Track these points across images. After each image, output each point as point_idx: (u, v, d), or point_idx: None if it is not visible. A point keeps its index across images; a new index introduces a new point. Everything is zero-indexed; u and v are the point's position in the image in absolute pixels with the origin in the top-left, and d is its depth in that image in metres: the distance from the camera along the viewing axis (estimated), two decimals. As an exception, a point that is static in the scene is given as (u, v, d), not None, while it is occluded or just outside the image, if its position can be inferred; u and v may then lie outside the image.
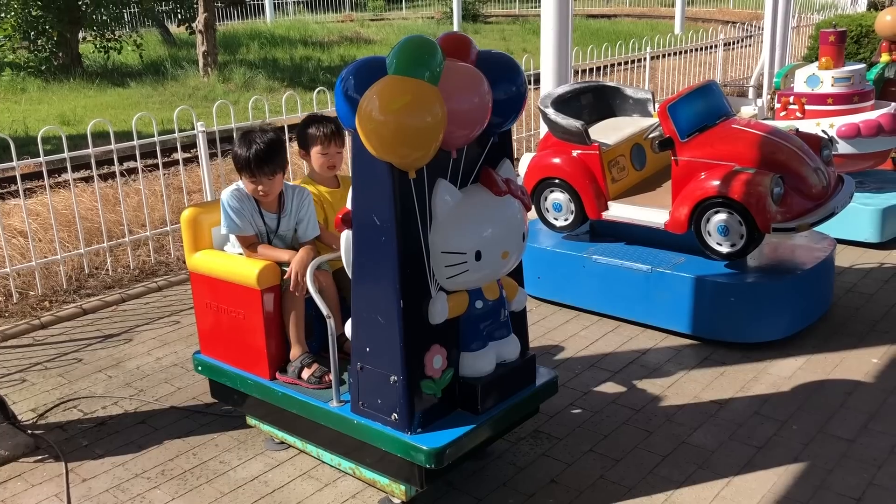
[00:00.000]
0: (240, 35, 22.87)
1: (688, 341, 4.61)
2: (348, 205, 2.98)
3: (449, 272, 2.91)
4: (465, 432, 2.99)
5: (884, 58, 6.70)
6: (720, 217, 4.39)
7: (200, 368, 3.77)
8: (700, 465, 3.49)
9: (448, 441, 2.93)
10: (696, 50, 11.60)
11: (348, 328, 3.10)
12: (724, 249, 4.45)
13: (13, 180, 7.45)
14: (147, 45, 20.01)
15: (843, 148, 5.71)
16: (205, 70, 16.66)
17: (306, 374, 3.39)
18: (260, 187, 3.42)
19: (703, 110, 4.63)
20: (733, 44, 14.17)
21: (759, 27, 14.15)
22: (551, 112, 4.94)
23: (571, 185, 4.88)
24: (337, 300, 3.47)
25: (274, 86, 15.57)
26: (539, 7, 5.80)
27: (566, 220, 5.03)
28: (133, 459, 3.72)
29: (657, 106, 4.95)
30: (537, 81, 6.07)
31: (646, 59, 10.37)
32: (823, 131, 5.56)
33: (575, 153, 4.88)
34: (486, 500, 3.31)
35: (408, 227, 2.82)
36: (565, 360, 4.46)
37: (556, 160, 4.93)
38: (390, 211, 2.78)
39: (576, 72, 8.71)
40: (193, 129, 6.27)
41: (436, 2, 31.62)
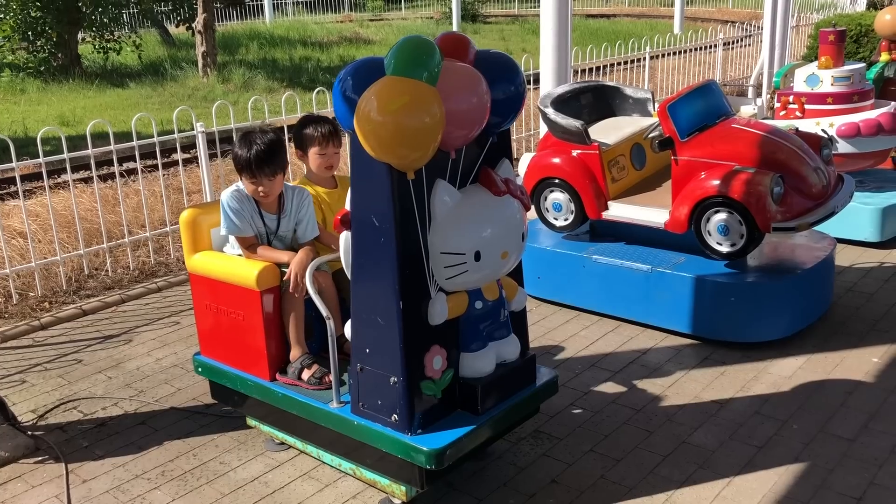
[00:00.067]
0: (239, 35, 22.87)
1: (688, 341, 4.61)
2: (347, 206, 2.98)
3: (448, 273, 2.91)
4: (466, 433, 2.99)
5: (883, 57, 6.69)
6: (720, 216, 4.38)
7: (201, 370, 3.77)
8: (701, 465, 3.49)
9: (448, 442, 2.93)
10: (696, 49, 11.60)
11: (348, 329, 3.10)
12: (725, 249, 4.44)
13: (13, 181, 7.45)
14: (146, 46, 20.01)
15: (843, 147, 5.71)
16: (204, 71, 16.66)
17: (306, 375, 3.38)
18: (260, 188, 3.41)
19: (702, 110, 4.63)
20: (733, 43, 14.17)
21: (758, 26, 14.15)
22: (551, 112, 4.94)
23: (571, 184, 4.87)
24: (336, 301, 3.46)
25: (273, 86, 15.57)
26: (538, 7, 5.80)
27: (566, 219, 5.03)
28: (133, 460, 3.72)
29: (657, 105, 4.94)
30: (537, 81, 6.06)
31: (645, 58, 10.37)
32: (823, 130, 5.56)
33: (575, 153, 4.88)
34: (486, 501, 3.30)
35: (407, 228, 2.81)
36: (565, 360, 4.46)
37: (556, 160, 4.93)
38: (389, 212, 2.78)
39: (575, 71, 8.71)
40: (193, 129, 6.27)
41: (435, 2, 31.63)
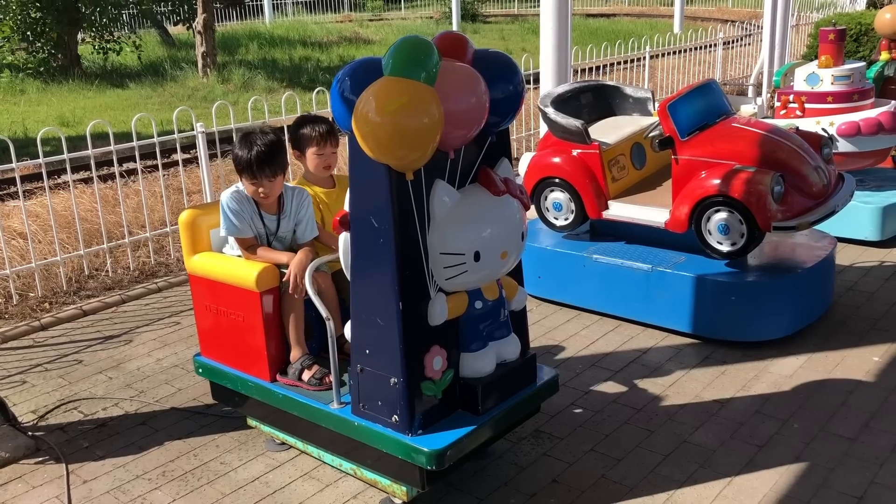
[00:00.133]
0: (239, 36, 22.87)
1: (688, 340, 4.61)
2: (346, 207, 2.97)
3: (448, 273, 2.91)
4: (466, 433, 2.99)
5: (883, 56, 6.69)
6: (721, 216, 4.38)
7: (201, 371, 3.76)
8: (701, 465, 3.48)
9: (449, 442, 2.92)
10: (696, 49, 11.59)
11: (348, 330, 3.09)
12: (725, 248, 4.44)
13: (13, 182, 7.44)
14: (146, 47, 20.02)
15: (844, 146, 5.70)
16: (204, 71, 16.66)
17: (307, 375, 3.38)
18: (261, 189, 3.41)
19: (703, 109, 4.63)
20: (733, 42, 14.17)
21: (758, 26, 14.15)
22: (551, 111, 4.93)
23: (571, 184, 4.87)
24: (336, 302, 3.46)
25: (273, 86, 15.57)
26: (538, 6, 5.80)
27: (566, 219, 5.03)
28: (134, 461, 3.72)
29: (657, 105, 4.94)
30: (537, 81, 6.06)
31: (645, 58, 10.36)
32: (823, 129, 5.55)
33: (575, 152, 4.88)
34: (487, 500, 3.30)
35: (406, 229, 2.81)
36: (566, 360, 4.45)
37: (556, 159, 4.93)
38: (388, 213, 2.77)
39: (575, 71, 8.71)
40: (193, 129, 6.27)
41: (435, 2, 31.63)
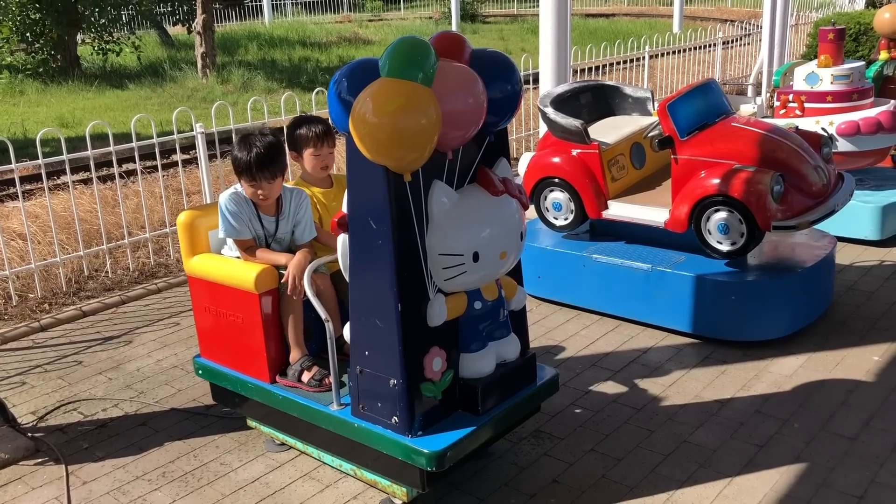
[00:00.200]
0: (238, 36, 22.88)
1: (688, 340, 4.60)
2: (344, 208, 2.96)
3: (447, 274, 2.90)
4: (466, 434, 2.98)
5: (882, 55, 6.69)
6: (720, 215, 4.38)
7: (201, 372, 3.76)
8: (702, 464, 3.48)
9: (449, 443, 2.92)
10: (695, 48, 11.59)
11: (347, 331, 3.09)
12: (725, 248, 4.44)
13: (12, 182, 7.44)
14: (145, 47, 20.02)
15: (843, 145, 5.70)
16: (203, 71, 16.66)
17: (306, 377, 3.38)
18: (260, 191, 3.40)
19: (702, 109, 4.63)
20: (732, 42, 14.17)
21: (757, 25, 14.15)
22: (550, 111, 4.93)
23: (571, 184, 4.87)
24: (335, 302, 3.45)
25: (272, 87, 15.56)
26: (537, 6, 5.80)
27: (566, 219, 5.02)
28: (134, 461, 3.72)
29: (656, 104, 4.94)
30: (536, 81, 6.06)
31: (644, 57, 10.36)
32: (823, 129, 5.55)
33: (574, 152, 4.87)
34: (487, 500, 3.30)
35: (404, 230, 2.80)
36: (566, 360, 4.45)
37: (556, 159, 4.92)
38: (386, 214, 2.77)
39: (574, 71, 8.72)
40: (192, 130, 6.27)
41: (434, 2, 31.63)
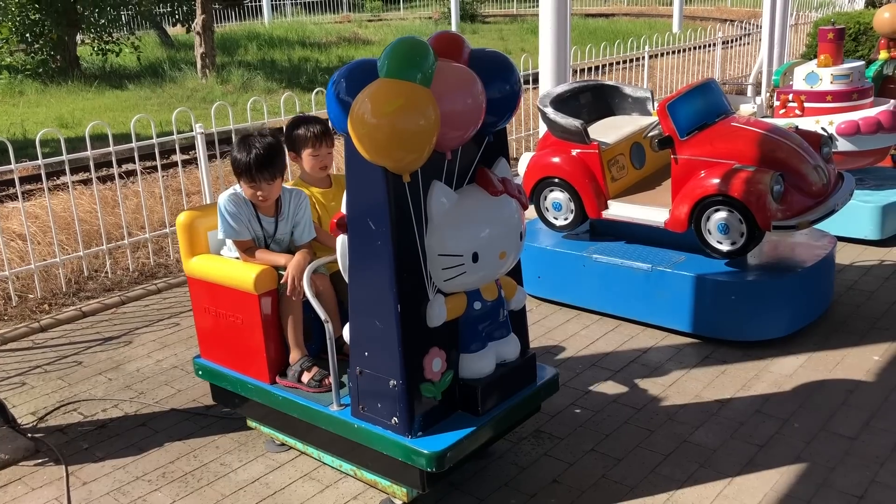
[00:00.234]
0: (238, 36, 22.88)
1: (688, 340, 4.60)
2: (343, 209, 2.95)
3: (446, 275, 2.90)
4: (466, 435, 2.98)
5: (882, 55, 6.69)
6: (720, 215, 4.38)
7: (201, 373, 3.76)
8: (702, 464, 3.48)
9: (449, 444, 2.92)
10: (695, 48, 11.59)
11: (346, 331, 3.08)
12: (725, 248, 4.44)
13: (11, 183, 7.44)
14: (145, 48, 20.03)
15: (843, 145, 5.70)
16: (203, 72, 16.66)
17: (306, 377, 3.38)
18: (259, 192, 3.39)
19: (702, 108, 4.63)
20: (732, 42, 14.17)
21: (757, 25, 14.15)
22: (550, 111, 4.93)
23: (571, 184, 4.87)
24: (335, 303, 3.45)
25: (272, 87, 15.57)
26: (537, 6, 5.80)
27: (566, 219, 5.02)
28: (134, 462, 3.72)
29: (656, 104, 4.94)
30: (536, 81, 6.06)
31: (644, 57, 10.36)
32: (823, 129, 5.55)
33: (574, 152, 4.87)
34: (487, 500, 3.30)
35: (403, 231, 2.79)
36: (566, 360, 4.45)
37: (556, 159, 4.92)
38: (385, 215, 2.76)
39: (574, 71, 8.72)
40: (192, 130, 6.26)
41: (433, 2, 31.64)
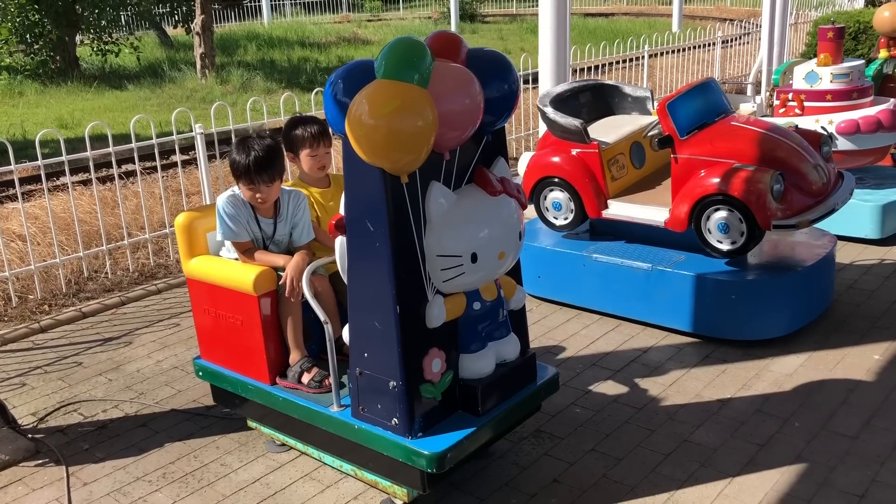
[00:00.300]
0: (237, 37, 22.88)
1: (689, 339, 4.60)
2: (341, 210, 2.95)
3: (445, 275, 2.90)
4: (467, 435, 2.98)
5: (882, 53, 6.69)
6: (720, 214, 4.38)
7: (201, 374, 3.76)
8: (702, 464, 3.48)
9: (449, 445, 2.91)
10: (695, 47, 11.59)
11: (346, 332, 3.08)
12: (725, 247, 4.44)
13: (11, 184, 7.44)
14: (144, 48, 20.03)
15: (843, 144, 5.69)
16: (202, 72, 16.66)
17: (306, 378, 3.37)
18: (258, 195, 3.39)
19: (702, 108, 4.63)
20: (731, 41, 14.16)
21: (756, 24, 14.14)
22: (550, 111, 4.93)
23: (571, 183, 4.87)
24: (334, 303, 3.44)
25: (272, 87, 15.56)
26: (536, 6, 5.80)
27: (566, 218, 5.02)
28: (134, 462, 3.72)
29: (656, 104, 4.94)
30: (535, 80, 6.06)
31: (644, 57, 10.36)
32: (823, 128, 5.55)
33: (574, 152, 4.87)
34: (488, 500, 3.30)
35: (402, 232, 2.79)
36: (566, 360, 4.45)
37: (556, 159, 4.92)
38: (383, 216, 2.76)
39: (574, 70, 8.72)
40: (191, 131, 6.26)
41: (433, 2, 31.63)
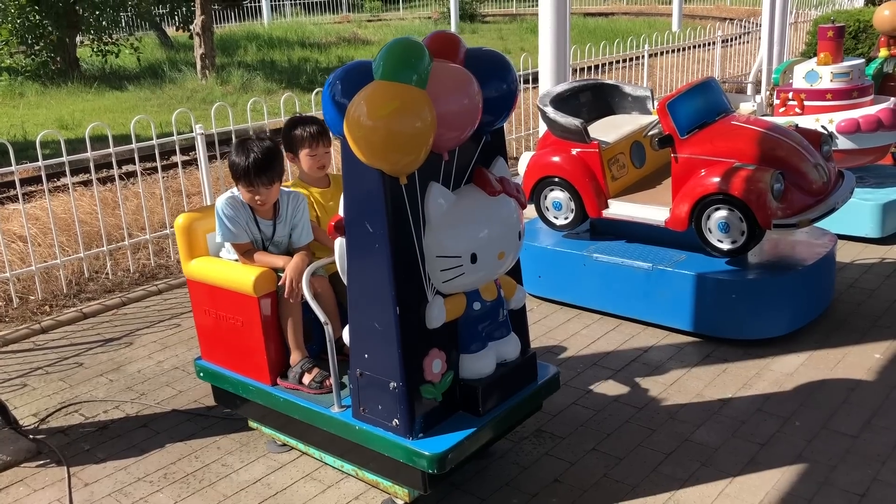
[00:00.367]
0: (237, 37, 22.89)
1: (689, 339, 4.60)
2: (341, 211, 2.95)
3: (445, 276, 2.89)
4: (467, 435, 2.98)
5: (882, 52, 6.68)
6: (721, 214, 4.38)
7: (202, 374, 3.76)
8: (703, 463, 3.48)
9: (450, 445, 2.91)
10: (695, 47, 11.59)
11: (346, 333, 3.08)
12: (725, 246, 4.44)
13: (12, 185, 7.44)
14: (144, 49, 20.04)
15: (843, 143, 5.69)
16: (203, 73, 16.67)
17: (307, 379, 3.37)
18: (258, 197, 3.39)
19: (702, 107, 4.63)
20: (731, 40, 14.16)
21: (756, 23, 14.14)
22: (550, 110, 4.93)
23: (571, 183, 4.87)
24: (335, 304, 3.44)
25: (272, 87, 15.57)
26: (536, 6, 5.80)
27: (566, 218, 5.02)
28: (135, 463, 3.72)
29: (656, 103, 4.93)
30: (535, 80, 6.06)
31: (644, 56, 10.36)
32: (823, 127, 5.55)
33: (574, 151, 4.87)
34: (489, 500, 3.30)
35: (401, 233, 2.79)
36: (567, 359, 4.45)
37: (556, 159, 4.92)
38: (382, 218, 2.75)
39: (574, 70, 8.71)
40: (192, 131, 6.26)
41: (433, 2, 31.64)
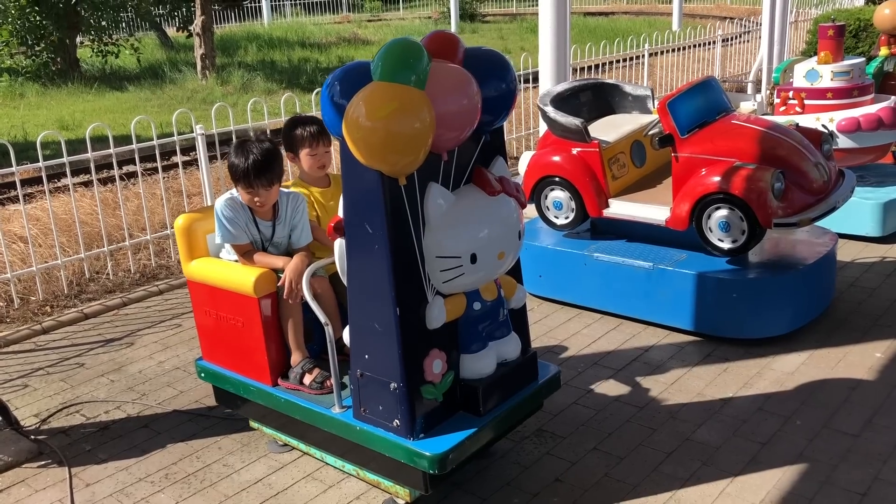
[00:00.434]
0: (237, 37, 22.90)
1: (690, 338, 4.60)
2: (340, 212, 2.95)
3: (445, 276, 2.89)
4: (468, 436, 2.98)
5: (882, 51, 6.68)
6: (721, 213, 4.38)
7: (203, 375, 3.76)
8: (704, 462, 3.48)
9: (451, 446, 2.91)
10: (695, 46, 11.59)
11: (347, 333, 3.08)
12: (726, 245, 4.44)
13: (13, 185, 7.45)
14: (145, 49, 20.04)
15: (844, 142, 5.69)
16: (203, 73, 16.67)
17: (308, 379, 3.38)
18: (257, 198, 3.39)
19: (702, 106, 4.63)
20: (731, 39, 14.15)
21: (757, 22, 14.13)
22: (550, 110, 4.93)
23: (572, 182, 4.87)
24: (335, 305, 3.44)
25: (272, 88, 15.57)
26: (536, 5, 5.80)
27: (567, 218, 5.02)
28: (136, 463, 3.72)
29: (656, 102, 4.93)
30: (536, 79, 6.06)
31: (644, 55, 10.35)
32: (823, 126, 5.54)
33: (575, 151, 4.87)
34: (490, 500, 3.30)
35: (400, 234, 2.79)
36: (567, 359, 4.45)
37: (556, 158, 4.92)
38: (382, 219, 2.75)
39: (574, 69, 8.71)
40: (192, 132, 6.26)
41: (433, 2, 31.64)
